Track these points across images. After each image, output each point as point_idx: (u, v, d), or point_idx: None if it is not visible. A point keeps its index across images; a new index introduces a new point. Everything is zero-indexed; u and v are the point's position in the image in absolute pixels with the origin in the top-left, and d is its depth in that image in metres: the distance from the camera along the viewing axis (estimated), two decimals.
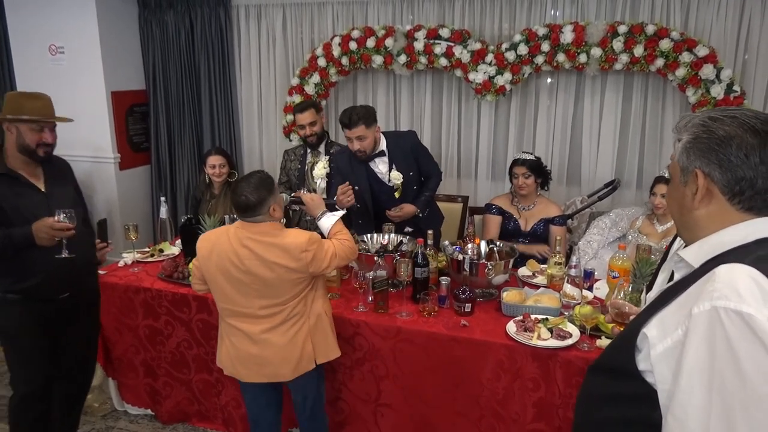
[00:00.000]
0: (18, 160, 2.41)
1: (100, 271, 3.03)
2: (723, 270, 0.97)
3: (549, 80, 4.21)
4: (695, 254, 1.09)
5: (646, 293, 2.17)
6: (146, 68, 5.09)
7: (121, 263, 3.19)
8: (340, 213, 2.50)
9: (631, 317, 1.81)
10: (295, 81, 4.52)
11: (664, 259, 1.98)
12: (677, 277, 1.12)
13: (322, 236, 2.41)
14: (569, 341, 2.26)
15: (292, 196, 2.60)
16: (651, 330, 1.04)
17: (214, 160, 3.66)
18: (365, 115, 3.01)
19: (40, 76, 4.88)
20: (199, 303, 2.78)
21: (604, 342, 2.25)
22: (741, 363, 0.89)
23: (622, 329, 1.53)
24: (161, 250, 3.34)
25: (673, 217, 1.18)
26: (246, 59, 4.86)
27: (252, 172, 2.26)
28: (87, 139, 4.89)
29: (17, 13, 4.83)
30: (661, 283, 1.81)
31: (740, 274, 0.95)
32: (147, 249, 3.37)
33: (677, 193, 1.13)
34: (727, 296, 0.92)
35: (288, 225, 3.28)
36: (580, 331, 2.30)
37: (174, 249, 3.35)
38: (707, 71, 3.55)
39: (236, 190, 2.20)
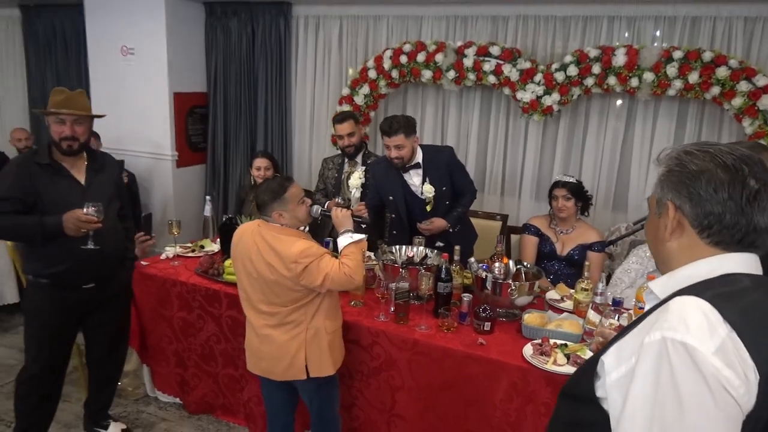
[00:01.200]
0: (59, 151, 2.56)
1: (142, 262, 3.21)
2: (677, 302, 0.99)
3: (619, 102, 4.11)
4: (662, 286, 1.10)
5: None
6: (208, 72, 5.32)
7: (163, 256, 3.34)
8: (360, 237, 2.43)
9: None
10: (345, 91, 4.62)
11: None
12: (647, 307, 1.12)
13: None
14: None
15: (324, 208, 2.58)
16: (608, 357, 1.07)
17: (259, 162, 3.80)
18: (405, 125, 3.06)
19: (111, 75, 5.20)
20: (229, 300, 2.88)
21: None
22: (681, 394, 0.91)
23: None
24: (202, 247, 3.48)
25: (651, 249, 1.19)
26: (302, 68, 5.01)
27: (274, 178, 2.37)
28: (149, 136, 5.16)
29: (95, 16, 5.16)
30: None
31: (692, 306, 0.96)
32: (189, 244, 3.52)
33: (653, 225, 1.15)
34: (675, 327, 0.94)
35: (317, 232, 3.36)
36: None
37: (214, 246, 3.48)
38: (766, 102, 3.40)
39: (259, 187, 2.38)
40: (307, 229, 2.55)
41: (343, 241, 2.42)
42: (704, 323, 0.93)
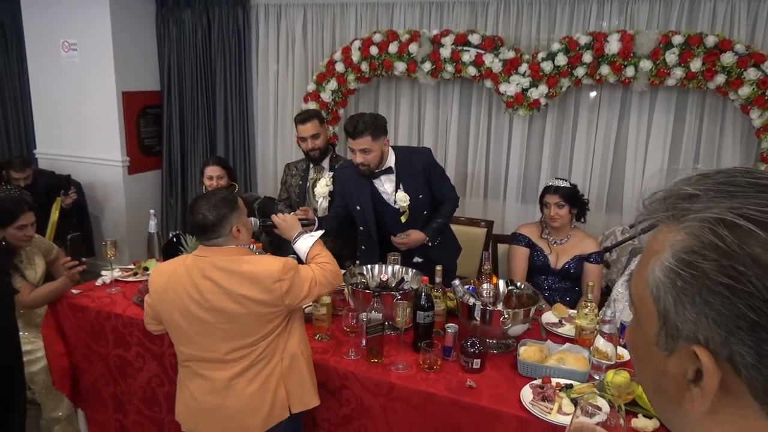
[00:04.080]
0: None
1: (73, 291, 2.75)
2: None
3: (592, 94, 3.76)
4: None
5: None
6: (161, 68, 4.87)
7: (98, 282, 2.89)
8: (319, 233, 2.18)
9: None
10: (311, 87, 4.19)
11: None
12: None
13: (300, 261, 2.07)
14: (597, 418, 1.82)
15: (262, 221, 2.25)
16: None
17: (211, 170, 3.34)
18: (373, 125, 2.64)
19: (52, 73, 4.73)
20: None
21: (642, 422, 1.82)
22: None
23: None
24: (146, 269, 3.02)
25: (644, 389, 0.66)
26: (263, 62, 4.58)
27: (214, 190, 1.93)
28: (95, 140, 4.69)
29: (32, 8, 4.68)
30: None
31: None
32: (132, 266, 3.07)
33: (651, 358, 0.59)
34: None
35: (282, 245, 2.94)
36: (610, 405, 1.86)
37: None
38: None
39: (193, 209, 1.89)
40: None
41: (304, 243, 2.18)
42: None
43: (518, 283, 2.49)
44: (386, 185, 2.79)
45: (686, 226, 0.53)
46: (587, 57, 3.41)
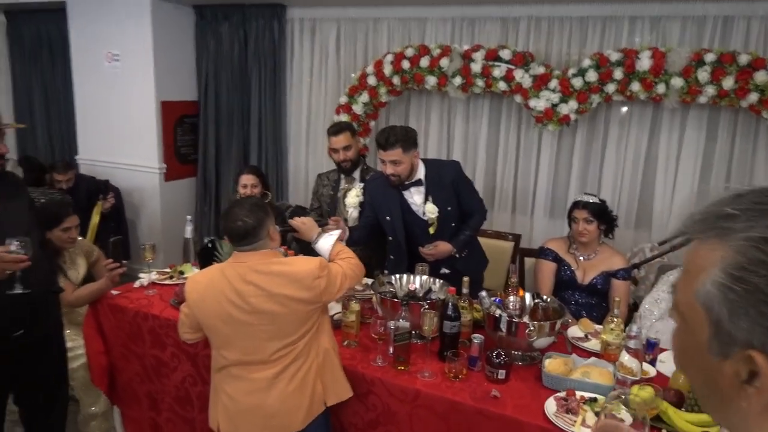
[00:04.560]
0: None
1: (113, 292, 2.87)
2: None
3: (623, 109, 3.78)
4: None
5: None
6: (199, 79, 5.03)
7: (136, 284, 3.00)
8: (337, 232, 2.33)
9: None
10: (343, 99, 4.29)
11: None
12: None
13: None
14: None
15: (283, 225, 2.36)
16: None
17: (246, 179, 3.45)
18: (404, 138, 2.72)
19: (95, 82, 4.92)
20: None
21: None
22: None
23: None
24: (182, 272, 3.13)
25: (694, 388, 0.73)
26: (297, 74, 4.71)
27: (243, 198, 2.04)
28: (135, 147, 4.86)
29: (78, 20, 4.89)
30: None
31: None
32: (168, 270, 3.18)
33: (703, 362, 0.65)
34: None
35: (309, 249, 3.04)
36: (633, 418, 1.88)
37: (195, 271, 3.14)
38: None
39: (230, 217, 1.97)
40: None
41: (327, 242, 2.35)
42: None
43: (545, 297, 2.52)
44: (415, 197, 2.86)
45: (732, 245, 0.59)
46: (618, 73, 3.43)
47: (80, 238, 3.08)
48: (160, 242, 4.87)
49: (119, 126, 4.87)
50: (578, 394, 2.02)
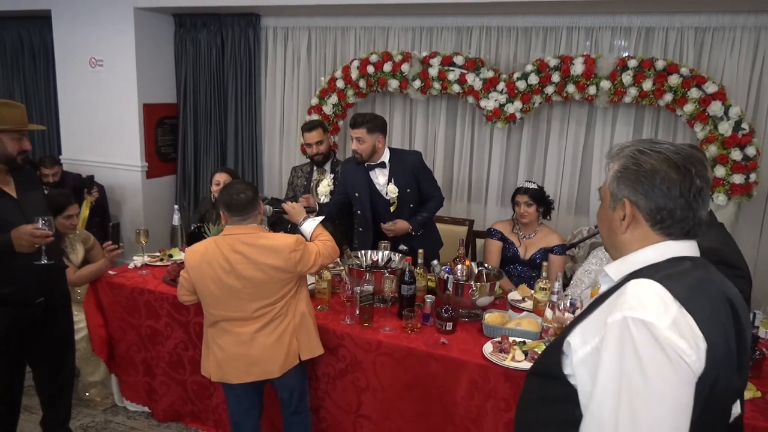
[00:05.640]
0: None
1: (110, 272, 3.22)
2: (632, 284, 1.11)
3: (584, 109, 4.24)
4: (616, 270, 1.23)
5: None
6: (178, 83, 5.34)
7: (131, 265, 3.36)
8: (320, 218, 2.71)
9: None
10: (314, 101, 4.69)
11: None
12: (602, 289, 1.25)
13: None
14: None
15: (275, 207, 2.79)
16: (574, 338, 1.18)
17: (219, 177, 3.76)
18: (371, 120, 3.18)
19: (79, 87, 5.20)
20: (197, 307, 2.88)
21: None
22: (644, 364, 1.03)
23: None
24: (170, 256, 3.50)
25: (602, 237, 1.31)
26: (271, 78, 5.07)
27: (235, 180, 2.44)
28: (118, 147, 5.16)
29: (63, 27, 5.16)
30: None
31: (646, 288, 1.09)
32: (157, 254, 3.53)
33: (607, 216, 1.26)
34: (634, 307, 1.06)
35: (276, 229, 3.44)
36: None
37: (182, 255, 3.48)
38: (715, 108, 3.55)
39: (231, 191, 2.36)
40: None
41: (309, 225, 2.70)
42: (658, 302, 1.06)
43: (486, 265, 2.97)
44: (380, 178, 3.29)
45: (619, 161, 1.21)
46: (555, 77, 3.90)
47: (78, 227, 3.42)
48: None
49: (103, 127, 5.16)
50: (510, 339, 2.47)
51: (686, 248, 1.18)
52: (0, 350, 2.52)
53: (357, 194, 3.32)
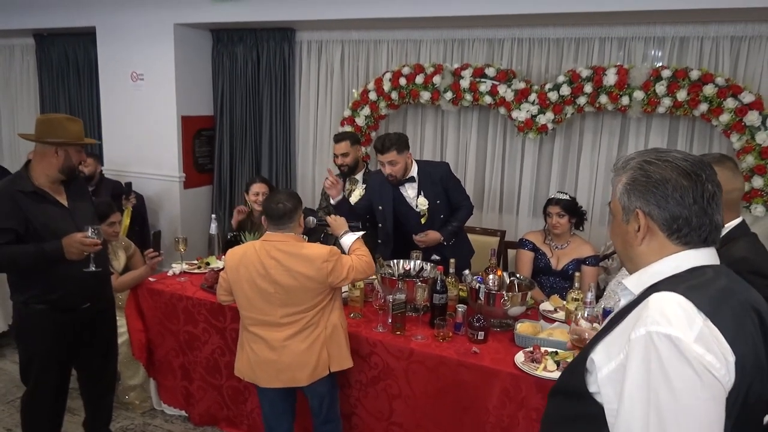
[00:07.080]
0: (47, 179, 2.56)
1: (150, 279, 3.33)
2: (655, 298, 1.09)
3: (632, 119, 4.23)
4: (636, 282, 1.20)
5: None
6: (215, 96, 5.49)
7: (170, 273, 3.46)
8: (360, 233, 2.74)
9: None
10: (347, 113, 4.77)
11: None
12: (622, 303, 1.22)
13: (344, 252, 2.64)
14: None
15: (319, 219, 2.85)
16: (598, 355, 1.16)
17: (257, 187, 3.81)
18: (397, 141, 3.20)
19: (121, 100, 5.38)
20: (233, 313, 2.98)
21: None
22: (672, 380, 1.01)
23: None
24: (208, 263, 3.60)
25: (617, 251, 1.29)
26: (305, 91, 5.17)
27: (280, 189, 2.50)
28: (157, 158, 5.32)
29: (106, 43, 5.37)
30: None
31: (669, 301, 1.07)
32: (195, 261, 3.64)
33: (620, 230, 1.24)
34: (657, 321, 1.04)
35: (311, 239, 3.51)
36: None
37: (219, 263, 3.60)
38: (752, 118, 3.51)
39: (272, 200, 2.46)
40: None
41: (348, 239, 2.71)
42: (682, 315, 1.04)
43: (518, 275, 2.98)
44: (410, 191, 3.33)
45: (626, 173, 1.20)
46: (588, 88, 3.90)
47: (120, 235, 3.55)
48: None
49: (143, 139, 5.33)
50: (542, 349, 2.47)
51: (705, 256, 1.16)
52: (48, 354, 2.63)
53: (380, 207, 3.35)
